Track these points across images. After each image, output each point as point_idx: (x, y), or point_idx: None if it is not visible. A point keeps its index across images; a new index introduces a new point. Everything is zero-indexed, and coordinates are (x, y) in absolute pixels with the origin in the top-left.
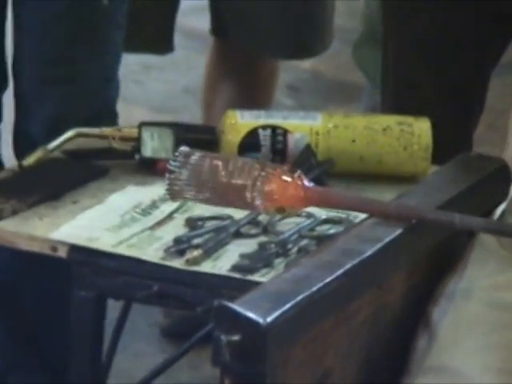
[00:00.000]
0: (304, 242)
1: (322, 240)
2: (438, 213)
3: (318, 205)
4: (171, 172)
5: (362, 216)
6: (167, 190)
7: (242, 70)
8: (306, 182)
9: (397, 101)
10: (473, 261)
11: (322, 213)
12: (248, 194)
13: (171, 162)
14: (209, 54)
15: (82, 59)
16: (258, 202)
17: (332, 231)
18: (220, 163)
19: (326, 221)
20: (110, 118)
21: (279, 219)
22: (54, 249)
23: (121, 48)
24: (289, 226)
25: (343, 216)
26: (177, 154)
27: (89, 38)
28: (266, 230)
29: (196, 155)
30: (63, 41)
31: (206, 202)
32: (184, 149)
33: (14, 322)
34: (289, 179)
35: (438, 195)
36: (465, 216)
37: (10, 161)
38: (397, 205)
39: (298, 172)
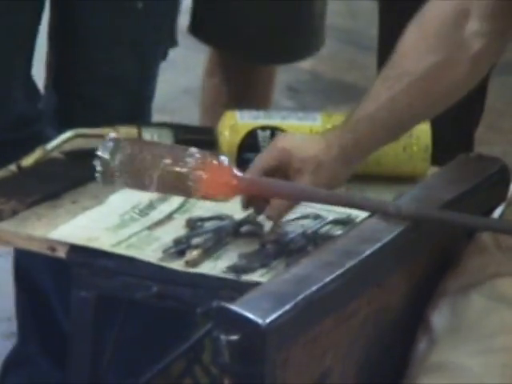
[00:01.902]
0: (304, 242)
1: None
2: (368, 200)
3: (249, 193)
4: (101, 158)
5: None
6: (98, 175)
7: (239, 74)
8: (236, 171)
9: None
10: (471, 264)
11: (329, 214)
12: (181, 182)
13: (100, 147)
14: (206, 59)
15: (121, 59)
16: (190, 189)
17: (337, 232)
18: (153, 150)
19: (333, 222)
20: (145, 117)
21: (284, 220)
22: (53, 249)
23: (162, 49)
24: (294, 227)
25: (351, 218)
26: (107, 140)
27: (128, 39)
28: (268, 231)
29: (127, 142)
30: (104, 42)
31: (137, 187)
32: (114, 135)
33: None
34: (220, 167)
35: (438, 196)
36: (398, 204)
37: None
38: (327, 193)
39: (228, 160)
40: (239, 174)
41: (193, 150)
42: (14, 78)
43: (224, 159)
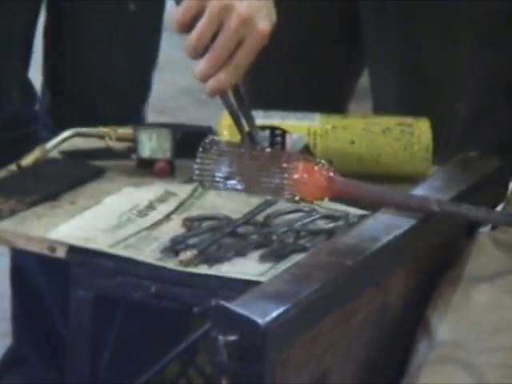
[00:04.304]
0: (290, 235)
1: (316, 234)
2: (457, 205)
3: (342, 195)
4: (200, 161)
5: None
6: (197, 180)
7: None
8: (331, 173)
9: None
10: (471, 263)
11: (323, 209)
12: (274, 183)
13: (199, 151)
14: None
15: (114, 61)
16: (283, 191)
17: (325, 227)
18: (247, 152)
19: (324, 217)
20: (139, 119)
21: (277, 215)
22: (53, 249)
23: (156, 51)
24: (284, 219)
25: (343, 213)
26: (203, 144)
27: (120, 41)
28: (263, 228)
29: (222, 145)
30: (96, 44)
31: (234, 190)
32: (211, 138)
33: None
34: (314, 169)
35: (438, 196)
36: (481, 208)
37: None
38: (419, 198)
39: (323, 162)
40: (333, 175)
41: (287, 152)
42: (10, 78)
43: (318, 161)
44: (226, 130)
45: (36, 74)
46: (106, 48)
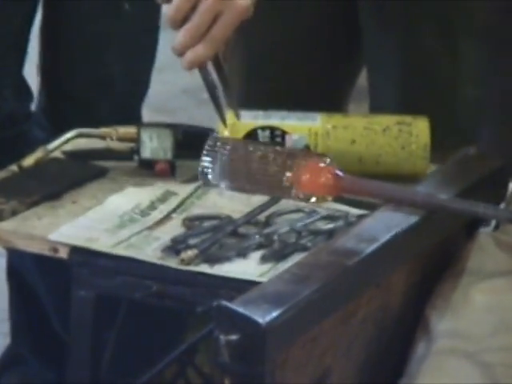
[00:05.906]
0: (291, 235)
1: (317, 235)
2: (463, 202)
3: (349, 193)
4: (204, 160)
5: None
6: (201, 178)
7: None
8: (338, 171)
9: None
10: (471, 262)
11: (324, 209)
12: (281, 181)
13: (204, 150)
14: None
15: (109, 61)
16: (290, 189)
17: (326, 227)
18: (253, 150)
19: (325, 217)
20: (135, 120)
21: (278, 214)
22: (55, 250)
23: (152, 51)
24: (285, 220)
25: (343, 213)
26: (208, 142)
27: (115, 41)
28: (264, 228)
29: (228, 143)
30: (91, 43)
31: (239, 189)
32: (215, 137)
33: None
34: (320, 167)
35: (438, 195)
36: (489, 205)
37: None
38: (424, 194)
39: (329, 160)
40: (339, 172)
41: (293, 150)
42: (5, 76)
43: (323, 158)
44: (226, 129)
45: (33, 73)
46: (101, 47)
